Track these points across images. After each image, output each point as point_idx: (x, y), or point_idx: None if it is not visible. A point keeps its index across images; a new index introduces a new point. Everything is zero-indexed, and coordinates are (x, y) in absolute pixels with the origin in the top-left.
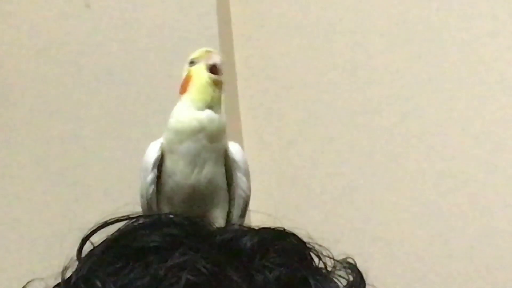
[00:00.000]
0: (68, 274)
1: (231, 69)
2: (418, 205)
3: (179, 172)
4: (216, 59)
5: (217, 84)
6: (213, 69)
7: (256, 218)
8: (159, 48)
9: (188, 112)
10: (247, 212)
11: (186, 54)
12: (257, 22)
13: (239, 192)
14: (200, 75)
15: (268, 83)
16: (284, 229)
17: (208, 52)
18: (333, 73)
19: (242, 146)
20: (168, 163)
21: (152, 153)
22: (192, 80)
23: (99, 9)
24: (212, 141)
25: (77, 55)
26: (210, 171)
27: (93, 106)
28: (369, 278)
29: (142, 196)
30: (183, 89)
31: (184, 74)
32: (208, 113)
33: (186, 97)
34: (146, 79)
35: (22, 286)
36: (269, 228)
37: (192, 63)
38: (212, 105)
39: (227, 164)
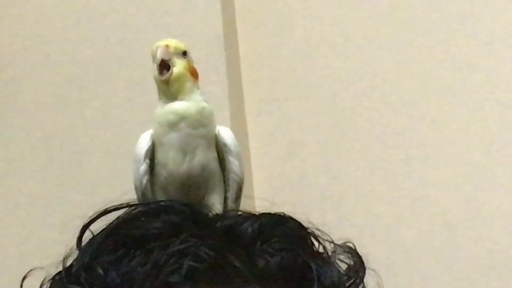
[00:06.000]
0: (69, 263)
1: (236, 66)
2: (416, 192)
3: (171, 161)
4: (158, 55)
5: (168, 81)
6: (161, 65)
7: (258, 204)
8: None
9: (164, 106)
10: (251, 200)
11: (190, 52)
12: (262, 21)
13: (232, 176)
14: (154, 76)
15: (272, 80)
16: (284, 214)
17: (157, 47)
18: (336, 72)
19: (247, 141)
20: (159, 154)
21: (142, 144)
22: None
23: (102, 6)
24: (196, 128)
25: (78, 54)
26: (202, 157)
27: (93, 94)
28: (369, 263)
29: (136, 188)
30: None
31: None
32: (182, 103)
33: (158, 93)
34: (148, 77)
35: (23, 275)
36: (269, 214)
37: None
38: (183, 94)
39: (219, 149)
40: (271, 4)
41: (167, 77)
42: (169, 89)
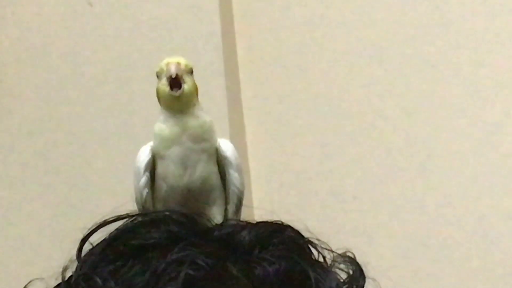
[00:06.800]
0: (68, 274)
1: (234, 76)
2: (416, 201)
3: (171, 175)
4: (171, 71)
5: (179, 97)
6: (172, 81)
7: (257, 213)
8: (161, 46)
9: (168, 119)
10: (251, 209)
11: (189, 52)
12: (259, 20)
13: (232, 189)
14: (162, 91)
15: (270, 82)
16: (282, 223)
17: (167, 64)
18: (335, 71)
19: (245, 144)
20: (160, 167)
21: (142, 157)
22: (159, 95)
23: (101, 7)
24: (197, 142)
25: (79, 54)
26: (203, 171)
27: (94, 104)
28: (368, 272)
29: (137, 201)
30: (159, 100)
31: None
32: (185, 116)
33: (162, 108)
34: (148, 78)
35: (23, 286)
36: (267, 222)
37: (158, 76)
38: (187, 109)
39: (219, 161)
40: (270, 4)
41: (180, 93)
42: (176, 104)
